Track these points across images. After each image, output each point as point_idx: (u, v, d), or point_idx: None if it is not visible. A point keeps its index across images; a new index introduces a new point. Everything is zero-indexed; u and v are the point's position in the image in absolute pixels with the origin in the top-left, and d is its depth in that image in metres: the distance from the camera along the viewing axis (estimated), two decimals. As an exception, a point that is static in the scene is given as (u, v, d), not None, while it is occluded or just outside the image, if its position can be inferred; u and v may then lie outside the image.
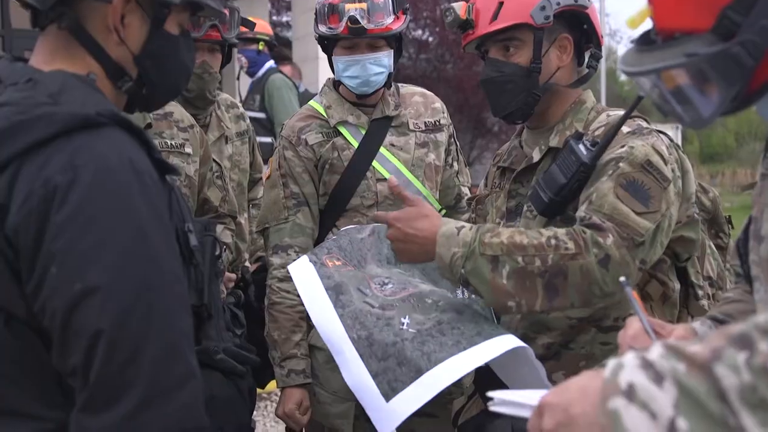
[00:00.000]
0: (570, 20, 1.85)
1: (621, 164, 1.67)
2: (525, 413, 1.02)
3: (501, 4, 1.80)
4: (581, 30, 1.88)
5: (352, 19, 2.29)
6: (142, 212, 1.13)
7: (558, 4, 1.79)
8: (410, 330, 1.63)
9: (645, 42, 1.03)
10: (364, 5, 2.31)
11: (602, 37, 1.92)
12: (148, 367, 1.09)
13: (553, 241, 1.60)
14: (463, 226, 1.67)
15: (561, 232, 1.62)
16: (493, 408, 1.07)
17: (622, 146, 1.70)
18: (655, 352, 0.84)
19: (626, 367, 0.85)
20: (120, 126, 1.18)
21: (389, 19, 2.34)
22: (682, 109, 1.00)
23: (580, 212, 1.66)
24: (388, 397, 1.56)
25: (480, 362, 1.59)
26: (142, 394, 1.08)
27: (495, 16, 1.80)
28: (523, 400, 1.05)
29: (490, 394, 1.09)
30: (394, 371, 1.58)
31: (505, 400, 1.07)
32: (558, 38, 1.84)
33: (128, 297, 1.09)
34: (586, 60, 1.92)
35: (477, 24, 1.83)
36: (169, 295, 1.14)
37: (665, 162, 1.70)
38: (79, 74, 1.25)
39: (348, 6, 2.31)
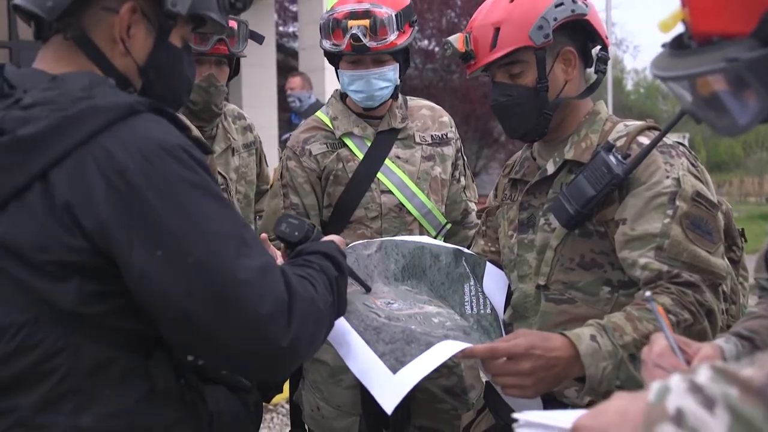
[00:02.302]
0: (571, 30, 1.80)
1: (678, 203, 1.64)
2: None
3: (498, 29, 1.77)
4: (585, 34, 1.83)
5: (355, 37, 2.26)
6: (201, 182, 1.17)
7: (555, 19, 1.75)
8: (418, 329, 1.62)
9: (678, 46, 0.98)
10: (366, 22, 2.27)
11: (607, 38, 1.88)
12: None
13: (673, 318, 1.56)
14: (593, 336, 1.55)
15: (669, 302, 1.58)
16: (519, 430, 1.03)
17: (658, 169, 1.66)
18: (704, 375, 0.80)
19: (673, 391, 0.80)
20: (156, 112, 1.21)
21: (393, 36, 2.30)
22: (716, 117, 0.95)
23: (653, 262, 1.62)
24: (395, 370, 1.51)
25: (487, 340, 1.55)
26: None
27: (494, 44, 1.77)
28: (551, 422, 1.00)
29: (514, 415, 1.04)
30: (402, 349, 1.55)
31: (532, 422, 1.02)
32: (561, 52, 1.80)
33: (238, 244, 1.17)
34: (594, 61, 1.88)
35: (477, 54, 1.80)
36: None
37: (705, 184, 1.69)
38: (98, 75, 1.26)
39: (351, 23, 2.28)
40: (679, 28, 0.97)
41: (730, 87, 0.91)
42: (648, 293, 1.31)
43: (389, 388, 1.48)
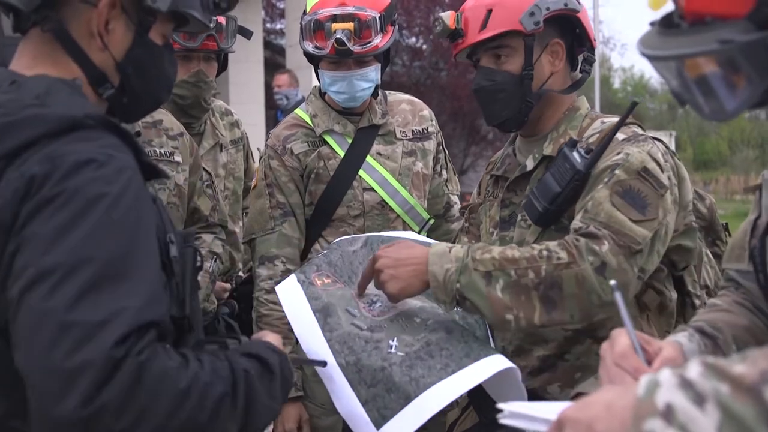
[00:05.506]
0: (561, 25, 1.82)
1: (617, 171, 1.63)
2: (539, 427, 0.97)
3: (490, 11, 1.77)
4: (573, 34, 1.85)
5: (339, 42, 2.23)
6: (114, 199, 1.08)
7: (547, 8, 1.76)
8: (398, 353, 1.60)
9: (668, 24, 0.96)
10: (350, 25, 2.24)
11: (595, 40, 1.90)
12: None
13: (545, 253, 1.56)
14: (453, 246, 1.64)
15: (552, 244, 1.59)
16: (503, 420, 1.02)
17: (618, 153, 1.67)
18: (694, 370, 0.79)
19: (663, 386, 0.79)
20: (108, 129, 1.17)
21: (377, 39, 2.28)
22: (703, 100, 0.93)
23: (576, 222, 1.63)
24: (378, 425, 1.53)
25: (467, 387, 1.55)
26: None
27: (484, 25, 1.77)
28: (536, 413, 1.00)
29: (499, 405, 1.04)
30: (383, 398, 1.56)
31: (516, 413, 1.02)
32: (549, 44, 1.81)
33: (87, 278, 1.03)
34: (579, 64, 1.89)
35: (466, 33, 1.80)
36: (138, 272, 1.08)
37: (662, 169, 1.67)
38: (65, 78, 1.24)
39: (335, 26, 2.24)
40: (669, 6, 0.95)
41: (720, 70, 0.89)
42: (613, 282, 1.27)
43: None
